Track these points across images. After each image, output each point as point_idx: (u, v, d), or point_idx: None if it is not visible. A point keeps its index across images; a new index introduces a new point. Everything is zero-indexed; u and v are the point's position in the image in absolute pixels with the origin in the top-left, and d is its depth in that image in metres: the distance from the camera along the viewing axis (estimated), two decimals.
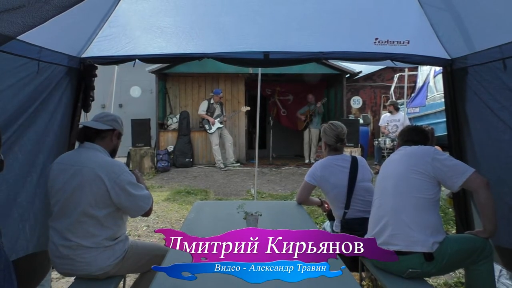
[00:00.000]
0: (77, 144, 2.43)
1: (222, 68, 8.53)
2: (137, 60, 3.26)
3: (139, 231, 4.67)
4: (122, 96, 10.32)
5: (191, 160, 9.23)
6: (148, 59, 3.29)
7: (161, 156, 8.84)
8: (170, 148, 9.30)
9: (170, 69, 9.36)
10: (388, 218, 2.37)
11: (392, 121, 8.52)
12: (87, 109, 3.24)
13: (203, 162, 9.51)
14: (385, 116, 8.90)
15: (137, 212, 2.29)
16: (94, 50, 3.16)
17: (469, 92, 2.95)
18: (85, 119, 3.24)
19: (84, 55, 3.16)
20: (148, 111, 10.01)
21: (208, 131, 8.92)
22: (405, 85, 7.64)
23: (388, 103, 8.82)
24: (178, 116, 9.59)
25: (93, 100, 3.27)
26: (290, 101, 11.48)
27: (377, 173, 9.06)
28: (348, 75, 10.04)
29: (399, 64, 3.36)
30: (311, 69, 9.20)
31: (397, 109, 8.58)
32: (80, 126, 2.41)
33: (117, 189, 2.20)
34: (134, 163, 8.36)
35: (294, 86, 11.29)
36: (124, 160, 8.34)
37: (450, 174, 2.31)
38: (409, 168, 2.40)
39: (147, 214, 2.32)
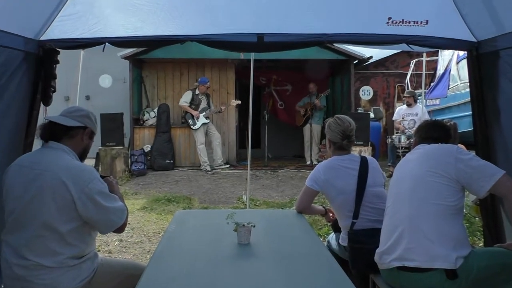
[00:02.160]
0: (37, 143, 2.41)
1: (208, 53, 8.49)
2: (107, 43, 3.24)
3: (110, 246, 4.64)
4: (90, 86, 10.25)
5: (171, 161, 9.20)
6: (120, 42, 3.27)
7: (136, 157, 8.80)
8: (147, 148, 9.27)
9: (147, 55, 9.30)
10: (403, 229, 2.38)
11: (409, 115, 8.56)
12: (47, 102, 3.21)
13: (186, 164, 9.49)
14: (400, 109, 8.94)
15: (109, 227, 2.26)
16: (55, 31, 3.13)
17: (501, 80, 2.96)
18: (45, 114, 3.21)
19: (43, 38, 3.13)
20: (120, 104, 9.96)
21: (192, 127, 8.90)
22: (423, 72, 7.65)
23: (406, 94, 8.84)
24: (156, 110, 9.56)
25: (54, 91, 3.24)
26: (289, 92, 11.48)
27: (390, 176, 9.10)
28: (357, 61, 10.07)
29: (416, 48, 3.37)
30: (313, 54, 9.20)
31: (416, 101, 8.63)
32: (45, 121, 2.38)
33: (85, 200, 2.17)
34: (104, 166, 8.32)
35: (293, 74, 11.30)
36: (92, 162, 8.29)
37: (476, 177, 2.32)
38: (428, 170, 2.40)
39: (120, 230, 2.30)
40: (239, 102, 9.25)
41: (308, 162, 9.66)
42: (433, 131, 2.67)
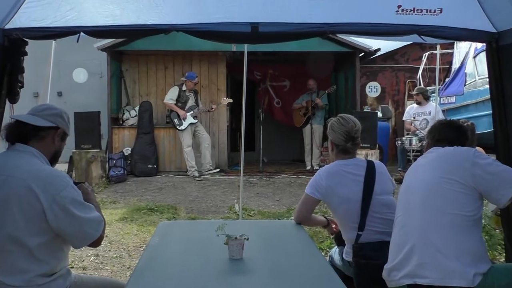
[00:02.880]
0: (2, 145, 2.39)
1: (196, 44, 8.46)
2: (82, 33, 3.23)
3: (85, 262, 4.63)
4: (62, 81, 10.22)
5: (155, 166, 9.19)
6: (97, 32, 3.25)
7: (114, 161, 8.78)
8: (127, 151, 9.24)
9: (127, 46, 9.29)
10: (414, 242, 2.38)
11: (420, 114, 8.59)
12: (14, 99, 3.19)
13: (171, 169, 9.48)
14: (411, 107, 8.96)
15: (83, 241, 2.25)
16: (23, 19, 3.11)
17: None
18: (11, 113, 3.18)
19: (8, 26, 3.11)
20: (97, 101, 9.93)
21: (177, 127, 8.89)
22: (437, 67, 7.69)
23: (415, 91, 8.88)
24: (137, 108, 9.54)
25: (22, 86, 3.22)
26: (286, 88, 11.50)
27: (400, 182, 9.12)
28: (362, 54, 10.10)
29: (429, 40, 3.38)
30: (314, 46, 9.22)
31: (427, 99, 8.66)
32: (12, 120, 2.37)
33: (56, 209, 2.15)
34: (78, 172, 8.29)
35: (291, 69, 11.31)
36: (64, 167, 8.26)
37: (496, 185, 2.33)
38: (442, 176, 2.41)
39: (96, 243, 2.28)
40: (231, 100, 9.25)
41: (308, 167, 9.67)
42: (448, 132, 2.68)
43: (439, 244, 2.32)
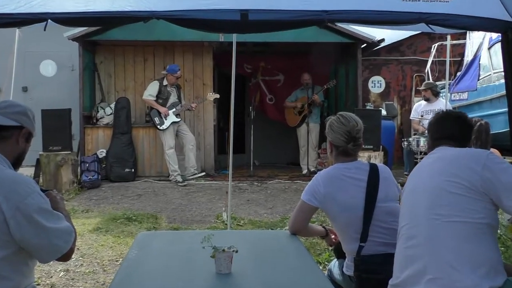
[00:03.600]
0: None
1: (179, 34, 8.47)
2: (49, 21, 3.21)
3: (54, 278, 4.60)
4: (28, 75, 10.16)
5: (132, 170, 9.16)
6: (67, 19, 3.24)
7: (87, 165, 8.74)
8: (102, 153, 9.21)
9: (101, 35, 9.26)
10: (423, 255, 2.38)
11: (429, 112, 8.62)
12: None
13: (151, 173, 9.45)
14: (418, 105, 9.00)
15: (51, 254, 2.23)
16: None
17: None
18: None
19: None
20: (67, 97, 9.88)
21: (158, 127, 8.87)
22: (447, 59, 7.71)
23: (423, 87, 8.92)
24: (113, 106, 9.51)
25: None
26: (280, 83, 11.52)
27: None
28: (365, 45, 10.14)
29: (438, 30, 3.40)
30: (311, 36, 9.24)
31: (436, 95, 8.69)
32: None
33: (20, 219, 2.14)
34: (46, 176, 8.25)
35: (285, 61, 11.34)
36: (30, 171, 8.20)
37: (508, 194, 2.33)
38: (448, 179, 2.41)
39: (66, 257, 2.27)
40: (218, 95, 9.25)
41: (305, 171, 9.69)
42: (446, 128, 2.69)
43: (448, 255, 2.32)
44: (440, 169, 2.50)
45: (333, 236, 3.25)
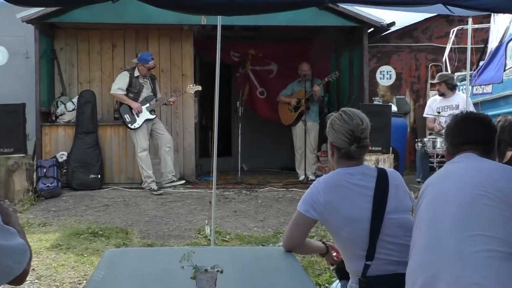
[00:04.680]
0: None
1: (154, 16, 8.46)
2: None
3: None
4: None
5: (99, 176, 9.13)
6: None
7: (45, 170, 8.70)
8: (62, 156, 9.17)
9: (62, 17, 9.21)
10: (440, 274, 2.39)
11: (446, 109, 8.66)
12: None
13: (121, 180, 9.43)
14: (433, 100, 9.02)
15: (2, 276, 2.23)
16: None
17: None
18: None
19: None
20: (21, 90, 9.83)
21: (129, 125, 8.86)
22: (468, 46, 7.73)
23: (436, 79, 8.91)
24: (75, 100, 9.47)
25: None
26: (273, 74, 11.52)
27: None
28: (372, 29, 10.16)
29: (457, 11, 3.41)
30: (309, 19, 9.26)
31: (452, 88, 8.71)
32: None
33: None
34: None
35: (279, 49, 11.34)
36: None
37: None
38: (482, 191, 2.44)
39: (19, 280, 2.26)
40: (199, 88, 9.24)
41: (302, 178, 9.70)
42: (468, 131, 2.70)
43: (476, 277, 2.31)
44: (472, 179, 2.52)
45: (334, 254, 3.25)
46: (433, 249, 2.47)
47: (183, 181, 9.24)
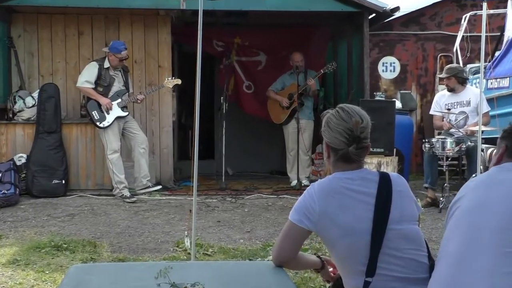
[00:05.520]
0: None
1: None
2: None
3: None
4: None
5: (63, 182, 9.09)
6: None
7: (1, 174, 8.66)
8: (21, 159, 9.14)
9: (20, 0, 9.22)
10: None
11: (456, 105, 8.68)
12: None
13: (89, 186, 9.41)
14: (441, 96, 9.04)
15: None
16: None
17: None
18: None
19: None
20: None
21: (98, 124, 8.83)
22: (483, 34, 7.76)
23: (444, 73, 8.89)
24: (36, 95, 9.43)
25: None
26: (261, 66, 11.52)
27: (429, 205, 9.12)
28: (374, 15, 10.19)
29: None
30: (302, 3, 9.29)
31: (462, 82, 8.73)
32: None
33: None
34: None
35: (268, 37, 11.35)
36: None
37: None
38: None
39: None
40: (179, 81, 9.22)
41: (294, 183, 9.72)
42: None
43: None
44: None
45: (331, 269, 3.26)
46: (466, 262, 2.48)
47: (159, 187, 9.23)
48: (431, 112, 9.16)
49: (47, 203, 8.55)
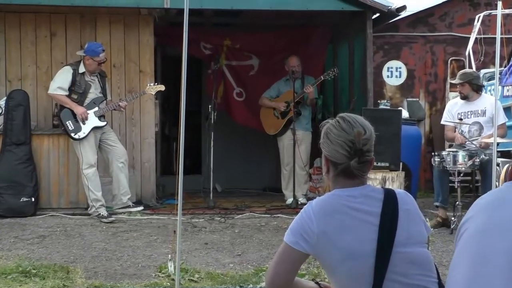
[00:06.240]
0: None
1: None
2: None
3: None
4: None
5: (32, 200, 9.06)
6: None
7: None
8: None
9: None
10: None
11: (469, 114, 8.69)
12: None
13: (62, 204, 9.38)
14: (453, 104, 9.04)
15: None
16: None
17: None
18: None
19: None
20: None
21: (72, 135, 8.82)
22: (498, 36, 7.79)
23: (457, 79, 8.87)
24: (3, 103, 9.41)
25: None
26: (254, 71, 11.54)
27: (439, 225, 9.12)
28: (378, 15, 10.22)
29: None
30: (298, 2, 9.31)
31: (477, 90, 8.73)
32: None
33: None
34: None
35: (261, 39, 11.40)
36: None
37: None
38: None
39: None
40: (162, 88, 9.22)
41: (289, 201, 9.71)
42: None
43: None
44: None
45: None
46: (479, 284, 2.49)
47: (141, 208, 9.22)
48: (442, 122, 9.14)
49: (14, 223, 8.53)
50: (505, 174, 3.05)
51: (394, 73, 11.09)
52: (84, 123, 8.79)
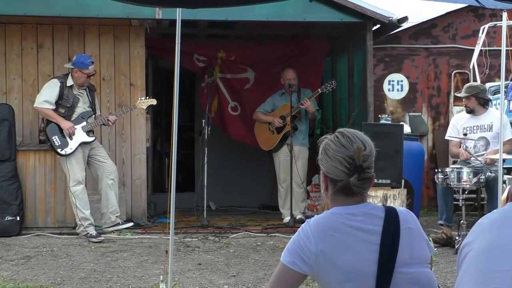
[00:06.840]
0: None
1: (94, 7, 8.49)
2: None
3: None
4: None
5: (17, 218, 9.04)
6: None
7: None
8: None
9: None
10: None
11: (475, 129, 8.70)
12: None
13: (48, 223, 9.35)
14: (458, 118, 9.05)
15: None
16: None
17: None
18: None
19: None
20: None
21: (59, 150, 8.81)
22: (503, 48, 7.82)
23: (463, 92, 8.87)
24: None
25: None
26: (249, 84, 11.55)
27: (442, 242, 9.10)
28: (378, 26, 10.25)
29: (489, 4, 3.47)
30: (295, 13, 9.34)
31: (484, 104, 8.74)
32: None
33: None
34: None
35: (257, 51, 11.42)
36: None
37: None
38: None
39: None
40: (154, 102, 9.23)
41: (286, 219, 9.71)
42: None
43: None
44: None
45: None
46: None
47: (130, 224, 9.21)
48: (446, 137, 9.14)
49: None
50: (508, 194, 3.04)
51: (396, 86, 11.11)
52: (71, 138, 8.78)
